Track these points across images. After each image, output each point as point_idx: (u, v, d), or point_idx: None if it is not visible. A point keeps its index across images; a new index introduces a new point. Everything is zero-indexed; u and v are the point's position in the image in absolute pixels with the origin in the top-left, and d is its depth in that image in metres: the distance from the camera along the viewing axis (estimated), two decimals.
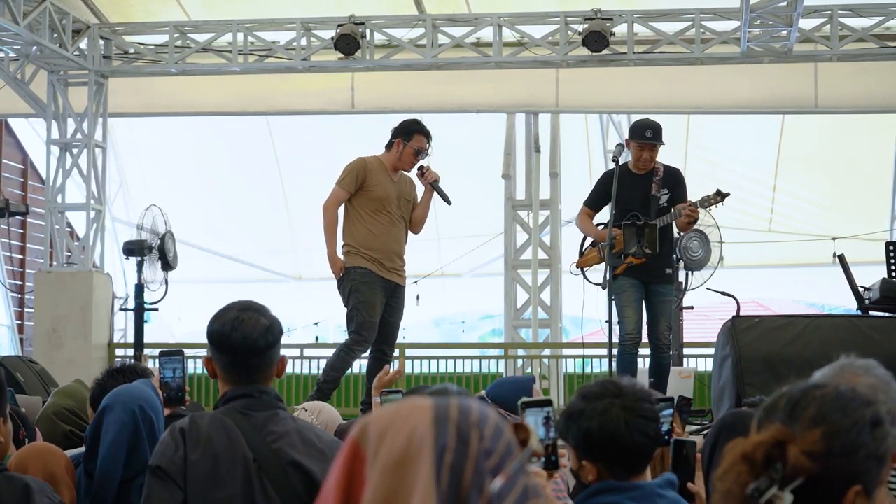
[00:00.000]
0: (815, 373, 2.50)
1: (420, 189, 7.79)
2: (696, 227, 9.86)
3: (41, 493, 2.97)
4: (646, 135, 7.71)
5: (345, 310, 7.63)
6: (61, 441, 4.39)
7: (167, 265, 10.76)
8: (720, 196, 7.56)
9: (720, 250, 9.89)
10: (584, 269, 8.13)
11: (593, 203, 7.92)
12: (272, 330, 3.21)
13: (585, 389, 2.87)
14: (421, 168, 7.59)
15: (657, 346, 7.65)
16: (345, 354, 7.50)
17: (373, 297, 7.43)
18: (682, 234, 8.40)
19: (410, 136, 7.54)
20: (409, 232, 7.77)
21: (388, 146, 7.62)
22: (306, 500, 3.02)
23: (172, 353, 3.76)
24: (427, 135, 7.59)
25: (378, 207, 7.50)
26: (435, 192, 7.61)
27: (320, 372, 7.77)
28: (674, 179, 7.72)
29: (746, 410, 4.02)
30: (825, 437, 1.77)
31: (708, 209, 7.55)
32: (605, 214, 7.93)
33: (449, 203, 7.65)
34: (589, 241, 8.10)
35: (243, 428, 3.08)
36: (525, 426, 1.53)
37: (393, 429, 1.49)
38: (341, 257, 7.54)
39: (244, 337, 3.16)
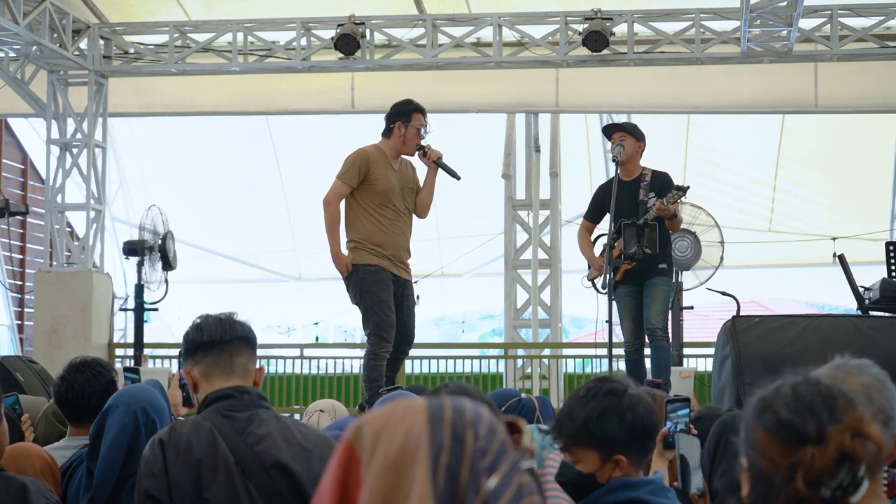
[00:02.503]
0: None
1: (421, 172, 7.51)
2: (690, 226, 9.92)
3: (38, 492, 2.97)
4: (609, 125, 8.07)
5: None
6: (57, 441, 4.39)
7: (168, 265, 10.76)
8: (680, 190, 7.61)
9: (721, 250, 9.90)
10: (595, 280, 8.14)
11: (591, 215, 8.06)
12: (243, 324, 3.24)
13: (590, 390, 2.86)
14: (422, 148, 7.31)
15: (651, 331, 7.66)
16: (373, 361, 7.18)
17: (386, 294, 7.16)
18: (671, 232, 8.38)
19: (409, 116, 7.28)
20: (416, 217, 7.50)
21: (387, 133, 7.34)
22: (292, 501, 3.01)
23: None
24: (423, 111, 7.35)
25: (383, 201, 7.22)
26: (441, 170, 7.35)
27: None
28: (660, 183, 7.79)
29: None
30: (877, 415, 1.86)
31: (673, 203, 7.57)
32: (603, 226, 7.98)
33: (458, 178, 7.39)
34: (597, 251, 8.10)
35: (223, 431, 3.06)
36: (518, 424, 1.53)
37: (388, 430, 1.49)
38: (345, 253, 7.27)
39: (217, 317, 3.23)
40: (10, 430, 3.74)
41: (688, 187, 7.70)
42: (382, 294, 7.16)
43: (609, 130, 8.04)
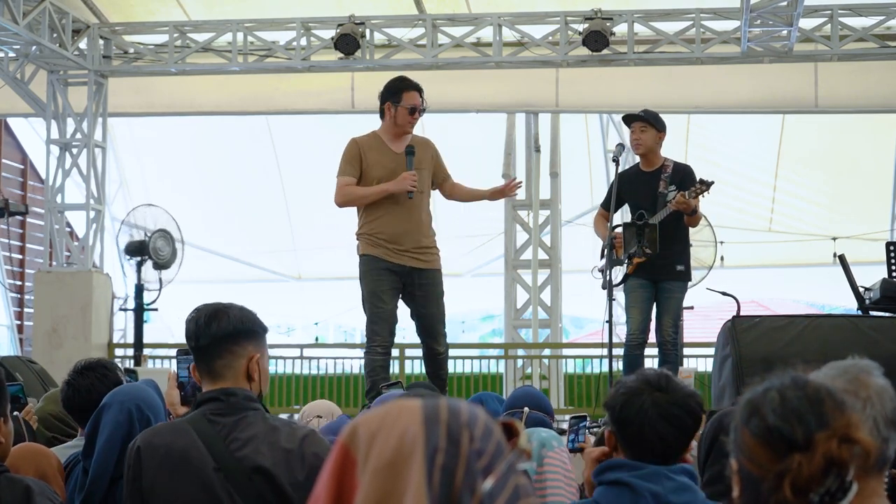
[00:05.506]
0: (818, 374, 2.49)
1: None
2: None
3: (42, 494, 2.97)
4: (630, 115, 7.81)
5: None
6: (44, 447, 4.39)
7: (157, 265, 10.73)
8: (704, 185, 7.56)
9: (715, 250, 9.88)
10: (604, 272, 8.09)
11: (607, 203, 7.91)
12: (229, 317, 3.13)
13: (625, 383, 2.95)
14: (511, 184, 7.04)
15: (660, 343, 7.69)
16: (367, 355, 6.98)
17: (378, 285, 6.86)
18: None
19: (399, 95, 6.90)
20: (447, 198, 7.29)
21: (381, 115, 7.00)
22: None
23: (189, 353, 3.73)
24: (417, 88, 6.93)
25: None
26: (497, 194, 7.23)
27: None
28: (682, 175, 7.73)
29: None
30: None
31: (694, 197, 7.52)
32: (617, 217, 7.93)
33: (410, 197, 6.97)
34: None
35: (206, 436, 3.02)
36: (514, 425, 1.52)
37: (383, 431, 1.48)
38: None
39: (196, 318, 3.16)
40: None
41: (712, 182, 7.60)
42: (373, 284, 6.91)
43: (628, 120, 7.86)
